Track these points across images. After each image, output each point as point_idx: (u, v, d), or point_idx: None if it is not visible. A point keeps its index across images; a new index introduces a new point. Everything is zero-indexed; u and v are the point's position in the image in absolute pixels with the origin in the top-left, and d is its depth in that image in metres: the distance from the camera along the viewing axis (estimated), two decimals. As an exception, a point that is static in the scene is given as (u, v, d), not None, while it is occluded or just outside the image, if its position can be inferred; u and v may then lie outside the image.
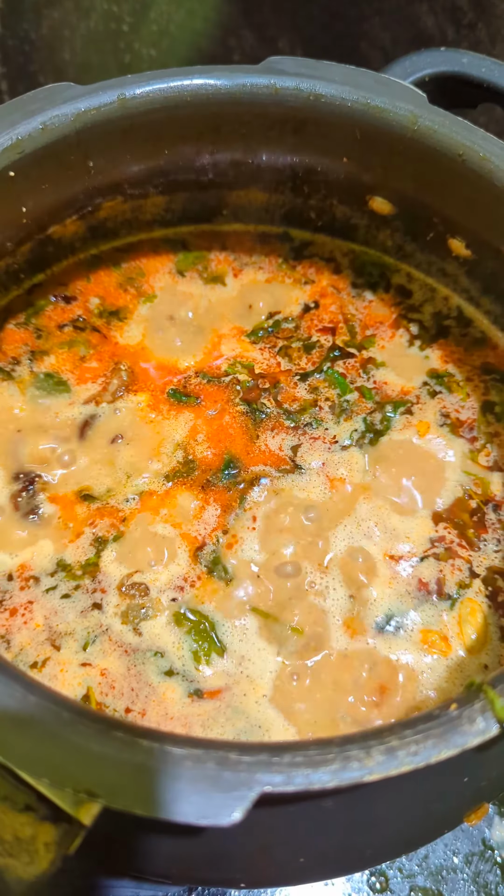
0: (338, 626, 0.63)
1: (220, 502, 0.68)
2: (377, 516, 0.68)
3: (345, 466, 0.70)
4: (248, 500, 0.68)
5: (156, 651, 0.61)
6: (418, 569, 0.66)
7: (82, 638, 0.62)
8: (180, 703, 0.59)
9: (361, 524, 0.67)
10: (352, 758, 0.40)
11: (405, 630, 0.63)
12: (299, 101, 0.66)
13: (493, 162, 0.62)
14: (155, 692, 0.60)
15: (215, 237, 0.83)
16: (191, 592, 0.64)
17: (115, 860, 0.52)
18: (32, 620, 0.63)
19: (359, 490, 0.69)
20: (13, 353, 0.75)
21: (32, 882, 0.40)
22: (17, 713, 0.41)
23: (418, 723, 0.41)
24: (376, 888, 0.73)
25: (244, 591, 0.64)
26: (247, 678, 0.60)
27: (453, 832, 0.76)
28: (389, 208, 0.76)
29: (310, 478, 0.70)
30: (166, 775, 0.39)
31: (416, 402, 0.74)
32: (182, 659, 0.61)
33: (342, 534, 0.67)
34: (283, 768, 0.39)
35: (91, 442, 0.71)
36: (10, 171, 0.62)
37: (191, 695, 0.59)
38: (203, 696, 0.59)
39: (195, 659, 0.61)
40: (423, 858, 0.75)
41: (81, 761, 0.39)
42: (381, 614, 0.64)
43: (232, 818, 0.38)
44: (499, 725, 0.41)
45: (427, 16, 1.02)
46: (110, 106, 0.64)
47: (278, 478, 0.70)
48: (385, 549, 0.66)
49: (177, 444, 0.71)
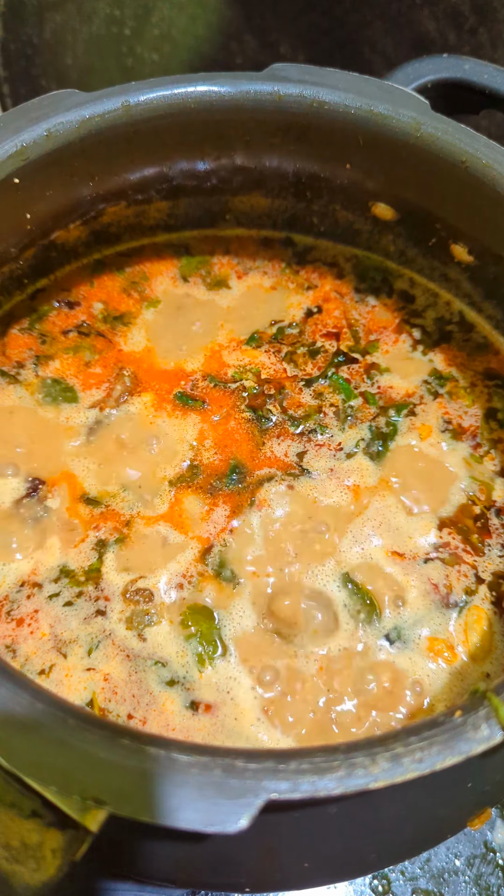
0: (343, 630, 0.63)
1: (226, 506, 0.68)
2: (383, 521, 0.68)
3: (350, 472, 0.71)
4: (255, 503, 0.69)
5: (157, 660, 0.61)
6: (425, 574, 0.66)
7: (87, 644, 0.62)
8: (180, 716, 0.59)
9: (367, 529, 0.68)
10: (357, 765, 0.40)
11: (411, 637, 0.63)
12: (303, 108, 0.67)
13: (495, 169, 0.63)
14: (155, 701, 0.60)
15: (218, 242, 0.84)
16: (196, 596, 0.64)
17: (120, 865, 0.53)
18: (39, 630, 0.63)
19: (364, 495, 0.69)
20: (18, 357, 0.75)
21: (39, 888, 0.41)
22: (25, 720, 0.41)
23: (423, 730, 0.41)
24: (378, 891, 0.74)
25: (250, 594, 0.64)
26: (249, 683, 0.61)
27: (455, 836, 0.76)
28: (392, 214, 0.76)
29: (316, 483, 0.70)
30: (173, 782, 0.39)
31: (419, 402, 0.75)
32: (185, 666, 0.61)
33: (348, 538, 0.67)
34: (290, 775, 0.39)
35: (96, 446, 0.71)
36: (15, 178, 0.63)
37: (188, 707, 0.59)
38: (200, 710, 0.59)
39: (199, 662, 0.61)
40: (426, 861, 0.75)
41: (88, 768, 0.40)
42: (387, 620, 0.64)
43: (238, 825, 0.38)
44: (503, 732, 0.42)
45: (428, 21, 1.02)
46: (114, 113, 0.64)
47: (285, 481, 0.70)
48: (391, 553, 0.67)
49: (183, 448, 0.72)
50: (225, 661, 0.61)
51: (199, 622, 0.63)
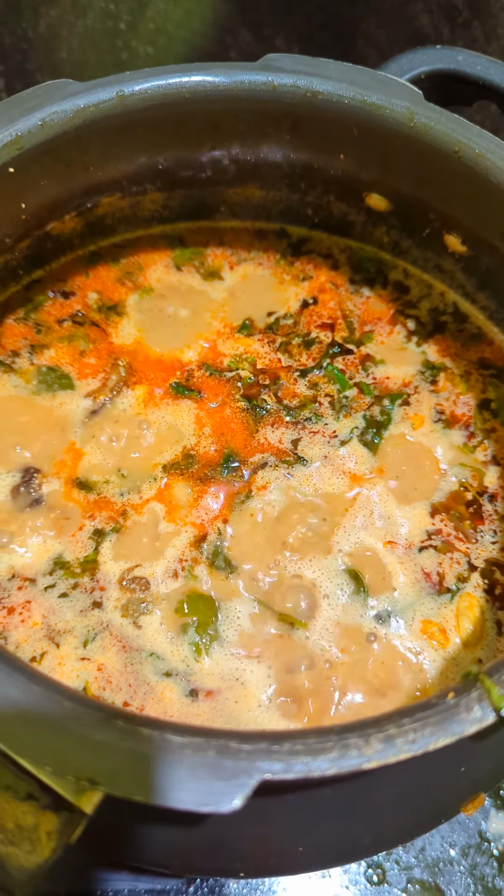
0: (338, 616, 0.63)
1: (220, 494, 0.69)
2: (376, 508, 0.68)
3: (345, 460, 0.71)
4: (249, 490, 0.69)
5: (152, 652, 0.61)
6: (418, 561, 0.66)
7: (82, 635, 0.62)
8: (179, 703, 0.59)
9: (361, 515, 0.68)
10: (350, 746, 0.40)
11: (405, 621, 0.64)
12: (297, 97, 0.67)
13: (488, 159, 0.63)
14: (153, 690, 0.60)
15: (213, 233, 0.84)
16: (192, 584, 0.64)
17: (115, 851, 0.53)
18: (30, 619, 0.63)
19: (358, 482, 0.70)
20: (12, 346, 0.75)
21: (34, 870, 0.41)
22: (19, 703, 0.41)
23: (416, 711, 0.42)
24: (373, 881, 0.74)
25: (244, 582, 0.64)
26: (247, 671, 0.61)
27: (450, 825, 0.76)
28: (386, 205, 0.76)
29: (310, 470, 0.70)
30: (167, 763, 0.39)
31: (413, 392, 0.75)
32: (182, 658, 0.61)
33: (342, 525, 0.68)
34: (283, 756, 0.40)
35: (92, 435, 0.71)
36: (10, 168, 0.63)
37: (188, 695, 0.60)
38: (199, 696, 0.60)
39: (196, 651, 0.61)
40: (420, 851, 0.75)
41: (83, 750, 0.40)
42: (380, 605, 0.64)
43: (232, 805, 0.38)
44: (495, 714, 0.42)
45: (423, 14, 1.02)
46: (109, 102, 0.64)
47: (279, 467, 0.70)
48: (384, 540, 0.67)
49: (178, 436, 0.72)
50: (222, 649, 0.62)
51: (196, 610, 0.63)
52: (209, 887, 0.72)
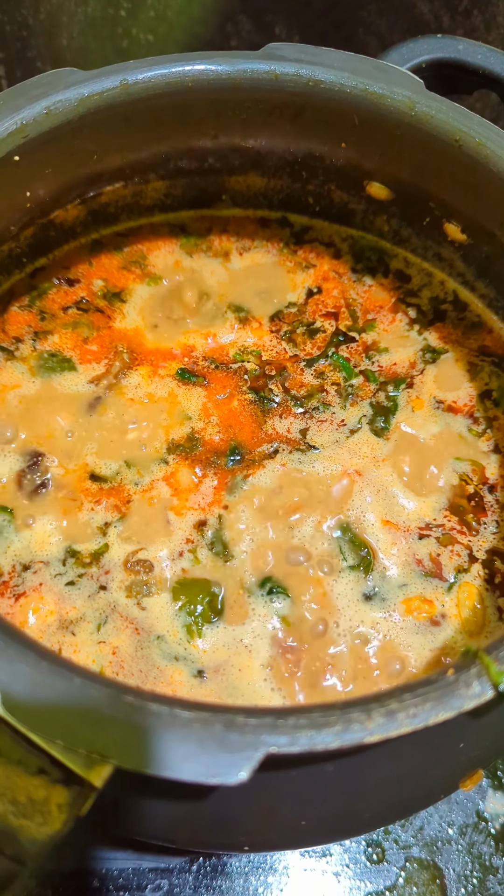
0: (338, 599, 0.64)
1: (224, 478, 0.70)
2: (379, 496, 0.69)
3: (351, 447, 0.72)
4: (254, 475, 0.70)
5: (158, 636, 0.62)
6: (419, 549, 0.67)
7: (95, 620, 0.63)
8: (188, 685, 0.61)
9: (364, 503, 0.69)
10: (353, 720, 0.41)
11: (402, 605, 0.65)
12: (299, 86, 0.67)
13: (489, 147, 0.63)
14: (163, 674, 0.61)
15: (216, 221, 0.84)
16: (195, 568, 0.65)
17: (122, 825, 0.54)
18: (45, 608, 0.64)
19: (363, 469, 0.70)
20: (16, 333, 0.76)
21: (46, 841, 0.42)
22: (31, 679, 0.42)
23: (417, 687, 0.43)
24: (373, 859, 0.75)
25: (246, 566, 0.65)
26: (246, 650, 0.62)
27: (448, 804, 0.78)
28: (386, 193, 0.77)
29: (316, 456, 0.71)
30: (175, 737, 0.40)
31: (418, 373, 0.76)
32: (181, 639, 0.62)
33: (345, 511, 0.68)
34: (288, 730, 0.41)
35: (96, 419, 0.72)
36: (15, 156, 0.63)
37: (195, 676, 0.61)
38: (206, 675, 0.61)
39: (189, 633, 0.62)
40: (419, 830, 0.77)
41: (93, 725, 0.41)
42: (380, 589, 0.65)
43: (239, 777, 0.39)
44: (494, 689, 0.43)
45: (423, 2, 1.02)
46: (112, 91, 0.65)
47: (284, 454, 0.71)
48: (387, 528, 0.68)
49: (183, 421, 0.73)
50: (225, 630, 0.63)
51: (197, 591, 0.64)
52: (212, 865, 0.73)
